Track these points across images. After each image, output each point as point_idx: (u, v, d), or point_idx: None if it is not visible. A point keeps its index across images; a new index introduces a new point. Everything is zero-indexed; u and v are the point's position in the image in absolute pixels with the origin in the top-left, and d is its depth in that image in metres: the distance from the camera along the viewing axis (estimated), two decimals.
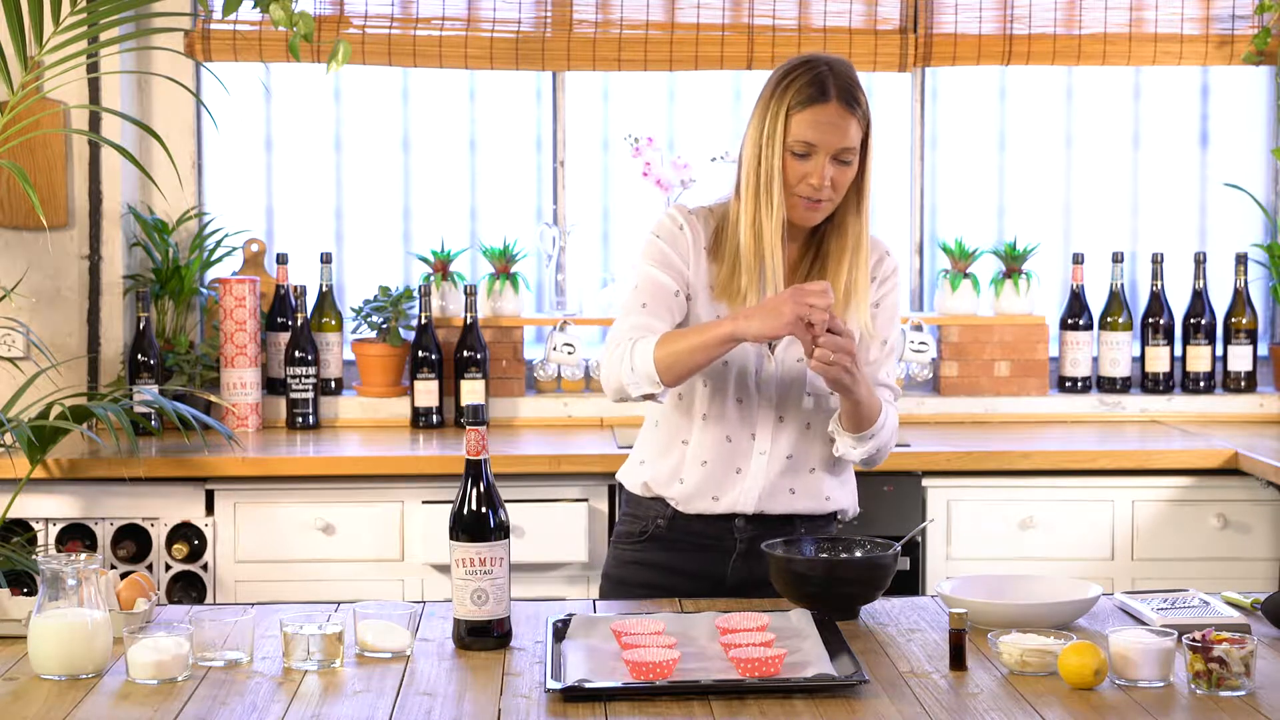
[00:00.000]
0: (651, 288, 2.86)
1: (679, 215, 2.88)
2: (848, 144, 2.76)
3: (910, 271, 4.87)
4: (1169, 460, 4.16)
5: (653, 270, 2.87)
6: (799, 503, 2.90)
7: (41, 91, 4.23)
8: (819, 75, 2.77)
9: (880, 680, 2.31)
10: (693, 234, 2.86)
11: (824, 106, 2.76)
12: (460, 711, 2.20)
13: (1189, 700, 2.22)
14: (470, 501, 2.48)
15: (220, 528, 4.08)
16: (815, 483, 2.92)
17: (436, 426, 4.55)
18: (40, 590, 2.35)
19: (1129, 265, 4.87)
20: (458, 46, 4.66)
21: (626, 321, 2.86)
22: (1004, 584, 2.70)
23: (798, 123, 2.76)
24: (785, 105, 2.77)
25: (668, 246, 2.87)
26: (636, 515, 2.96)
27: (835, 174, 2.77)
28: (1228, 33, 4.73)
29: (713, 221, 2.88)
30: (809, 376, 2.86)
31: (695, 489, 2.89)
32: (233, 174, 4.82)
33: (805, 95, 2.76)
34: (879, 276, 2.92)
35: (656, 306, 2.85)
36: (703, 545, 2.91)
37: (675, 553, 2.92)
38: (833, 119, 2.75)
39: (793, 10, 4.69)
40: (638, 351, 2.77)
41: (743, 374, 2.86)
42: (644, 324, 2.83)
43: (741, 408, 2.87)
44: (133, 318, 4.54)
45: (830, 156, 2.76)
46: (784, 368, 2.87)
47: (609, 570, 3.00)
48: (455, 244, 4.76)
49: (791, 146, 2.76)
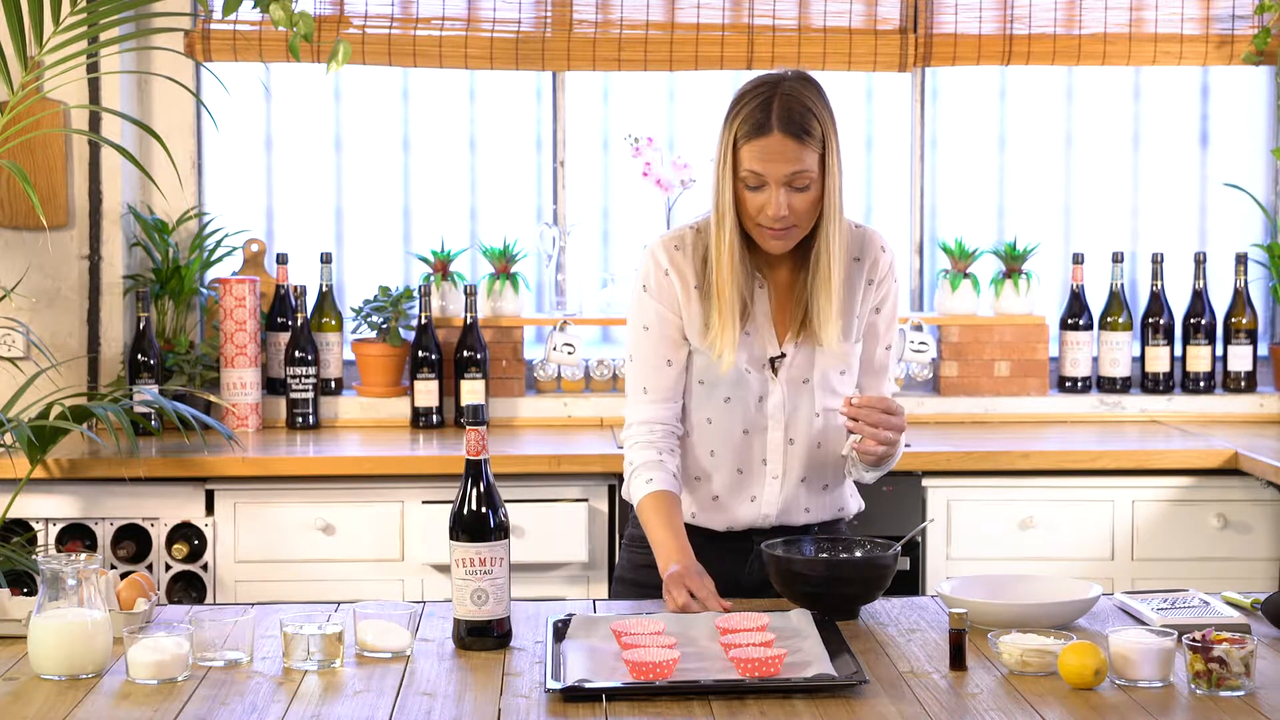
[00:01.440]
0: (650, 367, 2.86)
1: (663, 258, 2.84)
2: (798, 169, 2.71)
3: (910, 271, 4.87)
4: (1169, 460, 4.16)
5: (646, 342, 2.86)
6: (814, 516, 2.93)
7: (41, 91, 4.23)
8: (765, 103, 2.71)
9: (880, 680, 2.31)
10: (679, 278, 2.83)
11: (767, 139, 2.70)
12: (460, 711, 2.20)
13: (1189, 700, 2.22)
14: (470, 501, 2.48)
15: (220, 528, 4.08)
16: (829, 498, 2.93)
17: (436, 426, 4.55)
18: (40, 590, 2.35)
19: (1129, 265, 4.87)
20: (458, 46, 4.66)
21: (635, 412, 2.88)
22: (1004, 584, 2.70)
23: (745, 155, 2.72)
24: (734, 135, 2.74)
25: (656, 301, 2.85)
26: None
27: (792, 200, 2.73)
28: (1228, 33, 4.72)
29: (700, 247, 2.84)
30: (816, 391, 2.85)
31: (710, 519, 2.91)
32: (233, 174, 4.82)
33: (749, 126, 2.72)
34: (876, 278, 2.90)
35: (656, 391, 2.87)
36: (721, 550, 2.90)
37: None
38: (778, 149, 2.70)
39: (793, 10, 4.69)
40: (632, 488, 2.85)
41: (746, 406, 2.86)
42: (650, 418, 2.86)
43: (748, 438, 2.87)
44: (133, 318, 4.54)
45: (782, 184, 2.72)
46: (789, 390, 2.85)
47: (623, 574, 2.98)
48: (455, 244, 4.76)
49: (743, 179, 2.73)
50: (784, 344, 2.85)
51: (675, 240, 2.86)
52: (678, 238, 2.86)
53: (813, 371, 2.85)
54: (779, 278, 2.86)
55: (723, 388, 2.85)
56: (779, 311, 2.86)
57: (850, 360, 2.89)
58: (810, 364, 2.85)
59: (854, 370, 2.91)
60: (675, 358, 2.86)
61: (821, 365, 2.85)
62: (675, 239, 2.86)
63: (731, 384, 2.84)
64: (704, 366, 2.86)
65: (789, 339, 2.85)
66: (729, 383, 2.84)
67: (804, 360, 2.85)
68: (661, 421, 2.86)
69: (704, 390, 2.87)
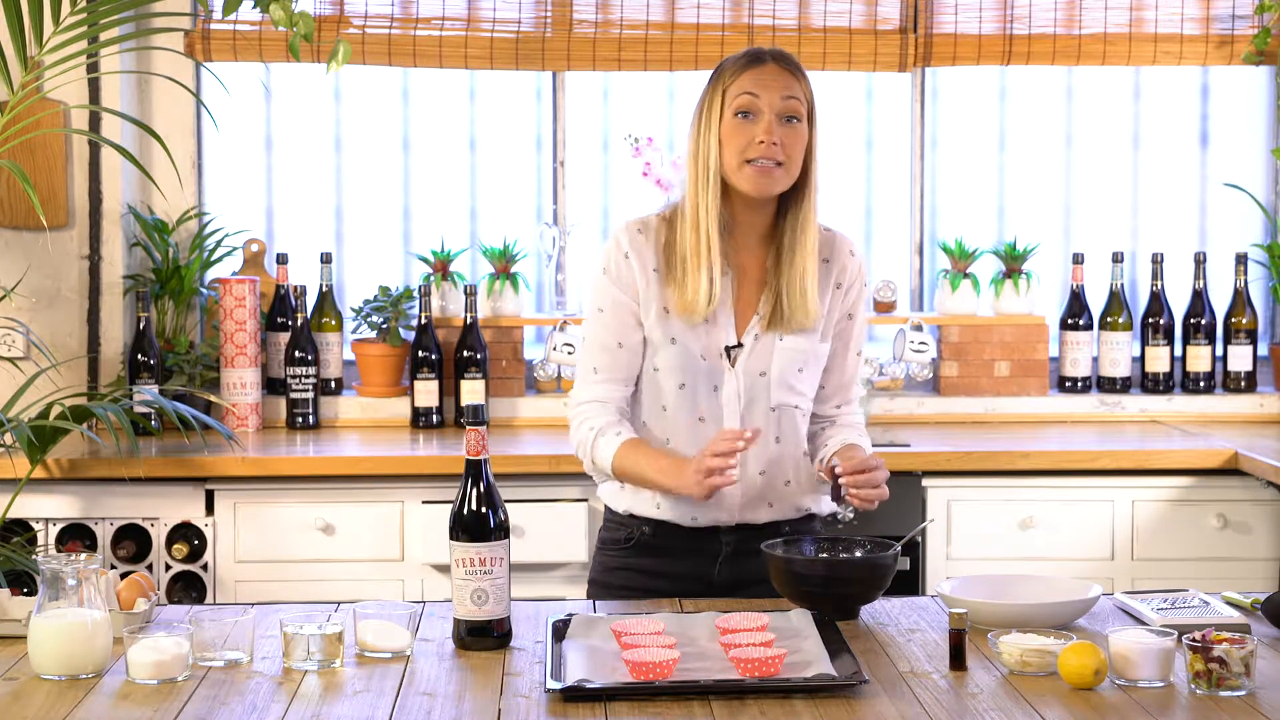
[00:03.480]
0: (601, 347, 2.86)
1: (625, 240, 2.86)
2: (792, 94, 2.76)
3: (910, 271, 4.87)
4: (1169, 460, 4.16)
5: (600, 323, 2.86)
6: (778, 513, 2.91)
7: (41, 91, 4.23)
8: (755, 51, 2.81)
9: (880, 680, 2.31)
10: (639, 260, 2.84)
11: (762, 67, 2.78)
12: (460, 711, 2.20)
13: (1189, 700, 2.22)
14: (470, 501, 2.48)
15: (220, 528, 4.08)
16: (791, 496, 2.91)
17: (436, 426, 4.55)
18: (40, 590, 2.35)
19: (1129, 265, 4.87)
20: (458, 46, 4.66)
21: (584, 391, 2.88)
22: (1004, 584, 2.70)
23: (737, 86, 2.77)
24: (723, 82, 2.79)
25: (614, 285, 2.85)
26: (622, 523, 2.95)
27: (784, 135, 2.76)
28: (1228, 33, 4.73)
29: (664, 233, 2.85)
30: (773, 386, 2.84)
31: (674, 513, 2.89)
32: (233, 174, 4.82)
33: (743, 63, 2.79)
34: (846, 282, 2.90)
35: (606, 370, 2.86)
36: (690, 549, 2.90)
37: (662, 557, 2.91)
38: (773, 75, 2.77)
39: (793, 10, 4.69)
40: (599, 449, 2.83)
41: (701, 394, 2.84)
42: (601, 396, 2.86)
43: (704, 427, 2.85)
44: (133, 318, 4.54)
45: (777, 113, 2.75)
46: (745, 381, 2.84)
47: (596, 576, 2.98)
48: (455, 244, 4.76)
49: (735, 106, 2.76)
50: (743, 335, 2.85)
51: (640, 225, 2.87)
52: (642, 222, 2.87)
53: (771, 365, 2.84)
54: (745, 265, 2.85)
55: (678, 374, 2.84)
56: (741, 301, 2.85)
57: (809, 359, 2.87)
58: (769, 358, 2.84)
59: (813, 371, 2.89)
60: (628, 341, 2.85)
61: (781, 360, 2.84)
62: (640, 223, 2.87)
63: (687, 370, 2.83)
64: (659, 352, 2.84)
65: (749, 330, 2.84)
66: (684, 369, 2.83)
67: (763, 353, 2.84)
68: (612, 399, 2.86)
69: (659, 377, 2.85)
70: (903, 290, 4.84)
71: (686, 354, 2.83)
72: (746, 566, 2.87)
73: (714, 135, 2.78)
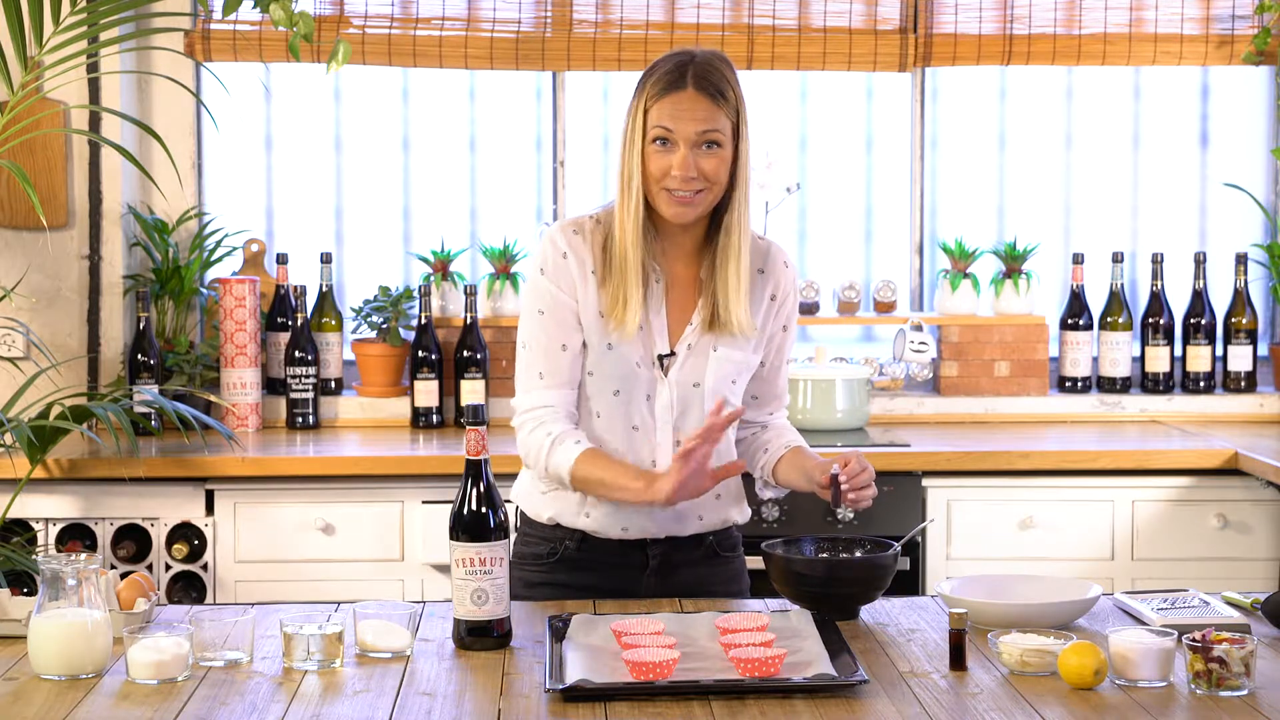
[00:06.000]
0: (544, 351, 2.79)
1: (561, 241, 2.79)
2: (709, 127, 2.68)
3: (910, 271, 4.87)
4: (1169, 460, 4.16)
5: (541, 326, 2.80)
6: (706, 525, 2.87)
7: (41, 91, 4.23)
8: (678, 65, 2.71)
9: (880, 680, 2.31)
10: (578, 260, 2.78)
11: (680, 94, 2.68)
12: (460, 711, 2.20)
13: (1189, 700, 2.22)
14: (470, 501, 2.48)
15: (220, 528, 4.08)
16: (720, 509, 2.88)
17: (436, 426, 4.55)
18: (40, 590, 2.35)
19: (1129, 265, 4.87)
20: (458, 46, 4.66)
21: (529, 397, 2.81)
22: (1004, 584, 2.69)
23: (656, 113, 2.69)
24: (644, 99, 2.71)
25: (553, 284, 2.78)
26: (543, 538, 2.88)
27: (703, 161, 2.69)
28: (1228, 33, 4.73)
29: (599, 235, 2.79)
30: (708, 397, 2.79)
31: (602, 523, 2.83)
32: (233, 174, 4.82)
33: (662, 85, 2.70)
34: (780, 294, 2.86)
35: (553, 375, 2.79)
36: (614, 563, 2.85)
37: (587, 572, 2.85)
38: (690, 105, 2.68)
39: (793, 10, 4.69)
40: (555, 457, 2.75)
41: (635, 402, 2.79)
42: (550, 401, 2.78)
43: (638, 435, 2.80)
44: (133, 318, 4.54)
45: (693, 144, 2.68)
46: (678, 391, 2.80)
47: (515, 593, 2.82)
48: (455, 244, 4.76)
49: (651, 134, 2.70)
50: (676, 344, 2.80)
51: (574, 225, 2.80)
52: (576, 224, 2.81)
53: (705, 376, 2.79)
54: (676, 271, 2.81)
55: (612, 380, 2.78)
56: (674, 308, 2.80)
57: (742, 370, 2.83)
58: (703, 368, 2.79)
59: (744, 382, 2.85)
60: (570, 342, 2.79)
61: (716, 371, 2.79)
62: (574, 224, 2.81)
63: (621, 377, 2.78)
64: (595, 357, 2.79)
65: (682, 339, 2.80)
66: (618, 376, 2.78)
67: (696, 363, 2.79)
68: (561, 405, 2.79)
69: (594, 382, 2.80)
70: (903, 290, 4.84)
71: (621, 360, 2.77)
72: (672, 580, 2.84)
73: (636, 155, 2.71)
